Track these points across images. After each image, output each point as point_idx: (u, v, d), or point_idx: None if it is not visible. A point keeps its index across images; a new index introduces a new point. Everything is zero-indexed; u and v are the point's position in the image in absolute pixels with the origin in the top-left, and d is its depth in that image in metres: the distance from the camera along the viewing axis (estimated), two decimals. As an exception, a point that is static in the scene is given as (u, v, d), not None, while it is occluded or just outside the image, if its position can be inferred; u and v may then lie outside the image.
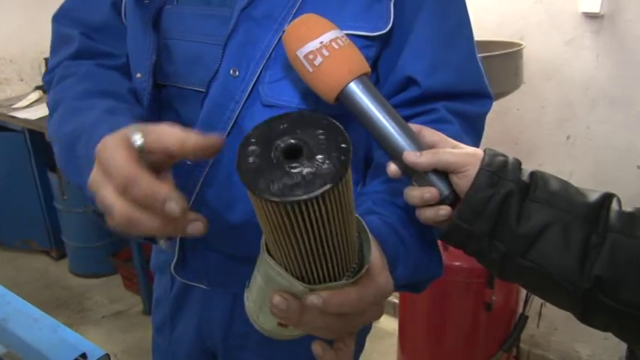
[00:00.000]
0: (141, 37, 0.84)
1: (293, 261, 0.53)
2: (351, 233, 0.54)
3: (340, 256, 0.53)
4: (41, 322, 1.14)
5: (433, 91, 0.81)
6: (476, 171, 0.67)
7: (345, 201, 0.49)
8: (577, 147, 2.15)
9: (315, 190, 0.45)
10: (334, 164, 0.46)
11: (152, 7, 0.85)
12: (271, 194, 0.45)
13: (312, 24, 0.71)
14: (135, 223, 0.53)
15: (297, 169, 0.46)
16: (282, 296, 0.56)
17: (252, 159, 0.48)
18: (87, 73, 0.88)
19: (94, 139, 0.65)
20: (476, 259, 0.72)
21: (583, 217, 0.65)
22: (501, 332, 2.07)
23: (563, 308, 0.70)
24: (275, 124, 0.51)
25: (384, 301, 0.63)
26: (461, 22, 0.85)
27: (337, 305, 0.55)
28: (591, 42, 2.01)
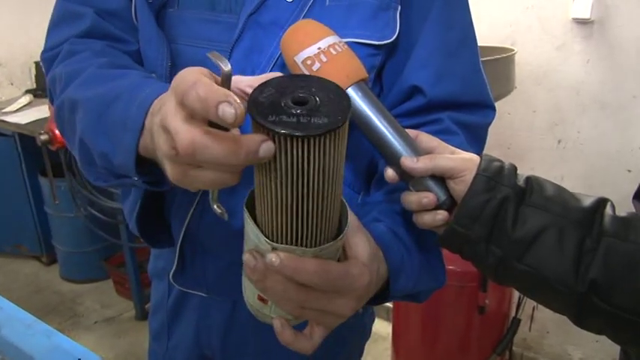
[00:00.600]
0: (154, 37, 0.83)
1: (267, 217, 0.55)
2: (328, 201, 0.55)
3: (313, 220, 0.55)
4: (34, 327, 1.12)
5: (438, 100, 0.81)
6: (472, 176, 0.68)
7: (328, 160, 0.51)
8: (568, 151, 2.16)
9: (302, 132, 0.47)
10: (329, 119, 0.49)
11: (153, 7, 0.84)
12: (266, 121, 0.48)
13: (310, 30, 0.72)
14: (199, 150, 0.48)
15: (296, 112, 0.49)
16: (252, 254, 0.58)
17: (265, 96, 0.51)
18: (102, 50, 0.82)
19: (136, 100, 0.63)
20: (472, 263, 0.73)
21: (578, 222, 0.66)
22: (494, 335, 2.08)
23: (558, 312, 0.71)
24: (297, 80, 0.54)
25: (356, 298, 0.63)
26: (466, 33, 0.85)
27: (292, 269, 0.56)
28: (581, 47, 2.03)
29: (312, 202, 0.53)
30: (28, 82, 3.69)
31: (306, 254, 0.57)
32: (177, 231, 0.89)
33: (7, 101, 3.44)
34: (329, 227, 0.58)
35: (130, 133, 0.63)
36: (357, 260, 0.62)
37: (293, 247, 0.57)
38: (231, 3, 0.82)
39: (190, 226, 0.87)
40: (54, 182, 2.97)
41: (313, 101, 0.51)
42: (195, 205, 0.85)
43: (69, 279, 3.29)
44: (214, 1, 0.83)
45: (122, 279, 3.01)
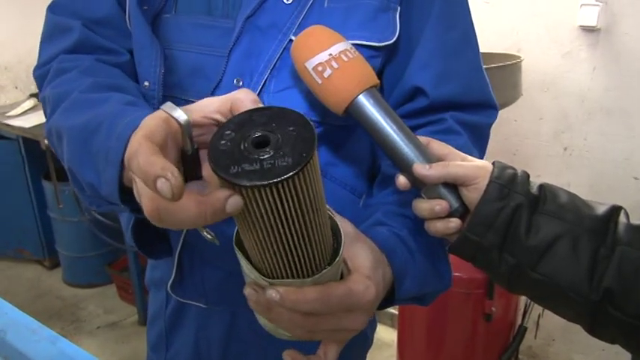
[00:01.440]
0: (148, 45, 0.82)
1: (259, 253, 0.55)
2: (313, 230, 0.54)
3: (303, 253, 0.54)
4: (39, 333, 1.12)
5: (441, 101, 0.81)
6: (486, 184, 0.67)
7: (302, 198, 0.49)
8: (574, 158, 2.16)
9: (265, 179, 0.46)
10: (293, 158, 0.47)
11: (149, 14, 0.83)
12: (229, 175, 0.46)
13: (321, 35, 0.71)
14: (164, 217, 0.49)
15: (259, 157, 0.47)
16: (253, 288, 0.58)
17: (224, 142, 0.49)
18: (90, 67, 0.80)
19: (115, 131, 0.62)
20: (485, 271, 0.72)
21: (592, 230, 0.66)
22: (500, 343, 2.07)
23: (572, 320, 0.70)
24: (256, 115, 0.51)
25: (365, 311, 0.62)
26: (467, 33, 0.85)
27: (293, 302, 0.55)
28: (588, 54, 2.03)
29: (297, 238, 0.52)
30: (32, 86, 3.68)
31: (305, 284, 0.57)
32: (175, 241, 0.88)
33: (11, 105, 3.44)
34: (322, 251, 0.57)
35: (111, 167, 0.62)
36: (359, 274, 0.61)
37: (290, 280, 0.56)
38: (228, 8, 0.82)
39: (188, 236, 0.86)
40: (58, 186, 2.96)
41: (275, 140, 0.49)
42: None
43: (72, 283, 3.28)
44: (211, 6, 0.83)
45: (125, 284, 3.00)
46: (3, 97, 3.61)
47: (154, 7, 0.83)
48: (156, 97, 0.82)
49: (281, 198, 0.47)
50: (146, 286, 1.09)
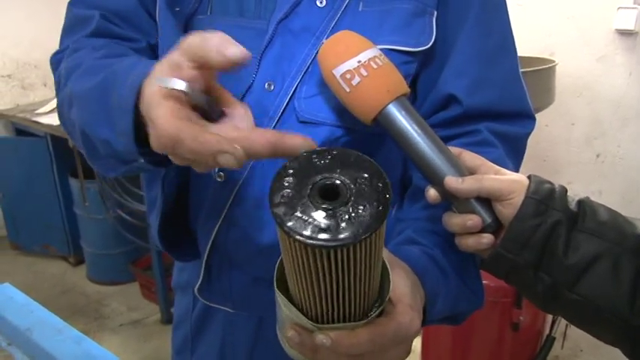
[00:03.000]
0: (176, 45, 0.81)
1: (309, 299, 0.52)
2: (374, 280, 0.52)
3: (358, 300, 0.52)
4: (65, 333, 1.12)
5: (475, 110, 0.78)
6: (521, 199, 0.64)
7: (374, 252, 0.47)
8: (607, 165, 2.11)
9: (344, 240, 0.42)
10: (371, 215, 0.44)
11: (181, 15, 0.82)
12: (298, 233, 0.43)
13: (350, 41, 0.69)
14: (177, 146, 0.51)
15: (330, 212, 0.44)
16: (296, 330, 0.55)
17: (286, 192, 0.46)
18: (105, 44, 0.80)
19: (128, 80, 0.62)
20: (518, 290, 0.69)
21: (634, 250, 0.63)
22: (527, 353, 2.04)
23: (611, 344, 0.67)
24: (316, 158, 0.48)
25: (409, 341, 0.61)
26: (505, 40, 0.82)
27: (347, 346, 0.54)
28: (624, 59, 1.98)
29: (358, 289, 0.49)
30: (60, 84, 3.73)
31: (357, 327, 0.54)
32: (203, 244, 0.88)
33: (40, 102, 3.49)
34: (375, 293, 0.55)
35: (125, 115, 0.61)
36: (403, 305, 0.59)
37: (342, 324, 0.53)
38: (260, 9, 0.80)
39: (217, 240, 0.85)
40: (84, 184, 2.99)
41: (344, 191, 0.45)
42: (222, 219, 0.83)
43: (96, 280, 3.31)
44: (243, 7, 0.81)
45: (149, 282, 3.01)
46: (32, 95, 3.65)
47: (187, 8, 0.83)
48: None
49: (355, 253, 0.45)
50: (173, 290, 1.10)
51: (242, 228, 0.83)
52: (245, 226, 0.82)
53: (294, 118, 0.77)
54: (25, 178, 3.34)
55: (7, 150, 3.31)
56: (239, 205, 0.81)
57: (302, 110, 0.77)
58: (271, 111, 0.77)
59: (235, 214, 0.82)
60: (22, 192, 3.38)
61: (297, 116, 0.77)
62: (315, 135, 0.77)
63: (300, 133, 0.75)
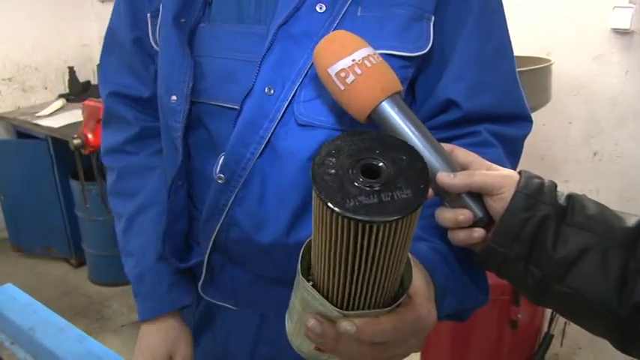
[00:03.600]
0: (179, 59, 0.84)
1: (336, 284, 0.52)
2: (402, 265, 0.53)
3: (385, 285, 0.52)
4: (67, 332, 1.14)
5: (475, 113, 0.79)
6: (511, 193, 0.66)
7: (410, 232, 0.48)
8: (604, 164, 2.12)
9: (392, 215, 0.44)
10: (413, 192, 0.45)
11: (187, 26, 0.85)
12: (346, 210, 0.44)
13: (344, 40, 0.70)
14: None
15: (374, 189, 0.45)
16: (318, 319, 0.55)
17: (330, 171, 0.47)
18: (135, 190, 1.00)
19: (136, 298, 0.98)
20: (510, 283, 0.70)
21: (622, 243, 0.64)
22: (526, 350, 2.05)
23: (600, 335, 0.68)
24: (355, 139, 0.50)
25: (425, 333, 0.61)
26: (502, 45, 0.83)
27: (371, 334, 0.54)
28: (620, 58, 1.99)
29: (389, 269, 0.50)
30: (61, 87, 3.75)
31: (381, 314, 0.55)
32: (204, 244, 0.89)
33: (41, 105, 3.51)
34: (399, 280, 0.56)
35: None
36: (420, 297, 0.60)
37: (367, 311, 0.54)
38: (260, 14, 0.82)
39: (218, 239, 0.87)
40: (85, 186, 3.00)
41: (386, 170, 0.47)
42: (223, 219, 0.84)
43: (97, 282, 3.32)
44: (242, 14, 0.83)
45: (150, 283, 3.02)
46: (33, 98, 3.67)
47: (193, 17, 0.85)
48: (182, 112, 0.84)
49: (395, 232, 0.46)
50: None
51: (242, 228, 0.84)
52: (246, 226, 0.84)
53: (294, 121, 0.79)
54: (26, 181, 3.35)
55: (8, 152, 3.33)
56: (240, 205, 0.83)
57: (301, 114, 0.78)
58: (271, 114, 0.78)
59: (236, 214, 0.84)
60: (23, 194, 3.39)
61: (296, 120, 0.78)
62: (313, 137, 0.79)
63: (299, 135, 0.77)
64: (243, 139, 0.79)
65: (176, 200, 0.91)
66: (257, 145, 0.79)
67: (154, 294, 0.95)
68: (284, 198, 0.81)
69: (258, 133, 0.78)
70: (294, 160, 0.79)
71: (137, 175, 1.00)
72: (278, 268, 0.86)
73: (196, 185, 0.92)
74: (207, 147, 0.87)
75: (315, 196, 0.46)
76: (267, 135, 0.78)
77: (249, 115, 0.79)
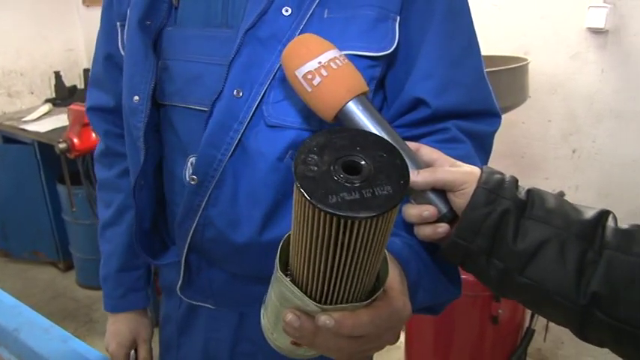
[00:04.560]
0: (141, 61, 0.85)
1: (315, 278, 0.53)
2: (380, 260, 0.53)
3: (363, 280, 0.53)
4: (51, 332, 1.15)
5: (443, 111, 0.81)
6: (473, 189, 0.68)
7: (389, 228, 0.49)
8: (583, 160, 2.15)
9: (374, 210, 0.44)
10: (393, 187, 0.46)
11: (153, 28, 0.86)
12: (328, 205, 0.44)
13: (311, 44, 0.72)
14: None
15: (355, 186, 0.46)
16: (295, 314, 0.56)
17: (312, 167, 0.47)
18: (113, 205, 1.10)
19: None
20: (474, 276, 0.72)
21: (579, 235, 0.66)
22: (508, 346, 2.07)
23: (561, 324, 0.70)
24: (335, 137, 0.50)
25: (400, 326, 0.62)
26: (469, 42, 0.84)
27: (349, 327, 0.55)
28: (596, 56, 2.02)
29: (369, 265, 0.51)
30: (47, 92, 3.74)
31: (358, 308, 0.55)
32: (181, 245, 0.90)
33: (27, 110, 3.50)
34: (376, 274, 0.56)
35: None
36: (395, 291, 0.61)
37: (345, 305, 0.54)
38: (227, 17, 0.83)
39: (194, 240, 0.88)
40: (71, 190, 3.00)
41: (367, 166, 0.48)
42: (197, 219, 0.86)
43: (85, 285, 3.32)
44: (209, 18, 0.85)
45: (138, 286, 3.01)
46: (19, 103, 3.66)
47: (158, 20, 0.87)
48: (144, 112, 0.86)
49: (376, 227, 0.46)
50: (160, 290, 1.14)
51: (217, 227, 0.85)
52: (220, 226, 0.85)
53: (263, 122, 0.80)
54: (13, 186, 3.34)
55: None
56: (214, 205, 0.84)
57: (270, 115, 0.79)
58: (240, 116, 0.79)
59: (210, 214, 0.85)
60: (10, 199, 3.38)
61: (266, 121, 0.80)
62: (282, 138, 0.80)
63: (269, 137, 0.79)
64: (214, 140, 0.80)
65: (140, 199, 0.93)
66: (227, 146, 0.80)
67: (112, 297, 1.13)
68: (256, 197, 0.82)
69: (229, 135, 0.80)
70: (264, 160, 0.80)
71: (110, 190, 1.11)
72: (254, 267, 0.87)
73: (170, 187, 0.93)
74: (176, 149, 0.89)
75: (296, 193, 0.47)
76: (237, 136, 0.80)
77: (219, 117, 0.80)
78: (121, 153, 1.02)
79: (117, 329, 1.14)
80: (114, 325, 1.15)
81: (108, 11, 0.97)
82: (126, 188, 1.06)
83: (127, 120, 0.90)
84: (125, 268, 1.12)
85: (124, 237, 1.09)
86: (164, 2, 0.87)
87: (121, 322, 1.15)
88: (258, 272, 0.86)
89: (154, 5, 0.86)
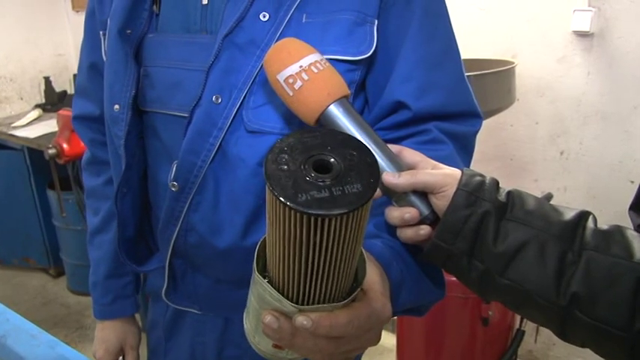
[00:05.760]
0: (122, 70, 0.86)
1: (291, 279, 0.53)
2: (355, 258, 0.54)
3: (339, 279, 0.53)
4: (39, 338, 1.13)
5: (424, 113, 0.81)
6: (453, 191, 0.68)
7: (362, 225, 0.49)
8: (570, 162, 2.16)
9: (343, 208, 0.45)
10: (363, 185, 0.47)
11: (134, 37, 0.86)
12: (298, 204, 0.45)
13: (292, 48, 0.73)
14: None
15: (325, 184, 0.46)
16: (274, 315, 0.56)
17: (282, 167, 0.48)
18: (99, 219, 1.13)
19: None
20: (456, 278, 0.73)
21: (559, 236, 0.66)
22: (499, 347, 2.07)
23: (543, 325, 0.70)
24: (306, 137, 0.51)
25: (380, 327, 0.62)
26: (448, 45, 0.85)
27: (327, 328, 0.54)
28: (582, 59, 2.03)
29: (344, 264, 0.51)
30: (37, 97, 3.73)
31: (336, 308, 0.55)
32: (164, 251, 0.91)
33: (16, 115, 3.48)
34: (353, 274, 0.56)
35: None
36: (374, 292, 0.61)
37: (322, 305, 0.55)
38: (206, 23, 0.84)
39: (177, 245, 0.88)
40: (61, 195, 2.99)
41: (337, 164, 0.48)
42: (180, 225, 0.86)
43: (76, 291, 3.30)
44: (189, 23, 0.85)
45: (129, 291, 3.01)
46: (8, 108, 3.65)
47: (139, 28, 0.87)
48: (125, 120, 0.86)
49: (347, 225, 0.47)
50: (147, 295, 1.14)
51: (200, 233, 0.85)
52: (203, 231, 0.85)
53: (243, 128, 0.80)
54: (2, 192, 3.32)
55: (-16, 164, 3.30)
56: (196, 210, 0.84)
57: (250, 121, 0.80)
58: (219, 122, 0.80)
59: (192, 220, 0.85)
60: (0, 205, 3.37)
61: (245, 127, 0.80)
62: (262, 143, 0.80)
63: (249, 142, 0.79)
64: (194, 147, 0.81)
65: (123, 207, 0.93)
66: (207, 152, 0.80)
67: (100, 303, 1.15)
68: (237, 203, 0.82)
69: (208, 141, 0.80)
70: (244, 165, 0.81)
71: (97, 198, 1.13)
72: (238, 272, 0.87)
73: (155, 192, 0.93)
74: (161, 155, 0.89)
75: (268, 192, 0.48)
76: (217, 142, 0.80)
77: (198, 123, 0.80)
78: (107, 161, 1.02)
79: (105, 336, 1.16)
80: (102, 332, 1.17)
81: (91, 20, 0.97)
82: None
83: (109, 128, 0.90)
84: (113, 275, 1.12)
85: (111, 244, 1.09)
86: (144, 10, 0.87)
87: (109, 329, 1.16)
88: (242, 277, 0.85)
89: (134, 14, 0.86)
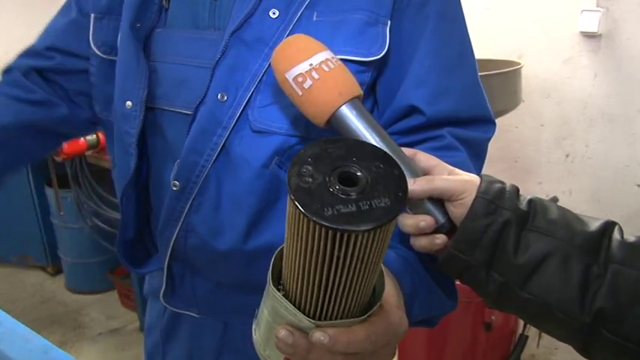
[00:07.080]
0: (134, 65, 0.83)
1: (309, 293, 0.51)
2: (376, 274, 0.52)
3: (359, 295, 0.52)
4: (32, 342, 1.12)
5: (437, 118, 0.79)
6: (472, 199, 0.65)
7: (387, 241, 0.47)
8: (576, 165, 2.14)
9: (371, 223, 0.43)
10: (391, 200, 0.45)
11: (142, 31, 0.85)
12: (324, 218, 0.43)
13: (302, 45, 0.70)
14: None
15: (351, 198, 0.44)
16: (289, 330, 0.54)
17: (306, 179, 0.46)
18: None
19: None
20: (472, 289, 0.70)
21: (583, 247, 0.63)
22: (501, 352, 2.06)
23: (564, 341, 0.68)
24: (330, 147, 0.49)
25: (396, 342, 0.61)
26: (463, 49, 0.83)
27: (344, 343, 0.53)
28: (589, 61, 2.01)
29: (364, 279, 0.49)
30: (35, 93, 3.70)
31: (354, 324, 0.54)
32: (163, 252, 0.89)
33: (14, 112, 3.45)
34: (371, 289, 0.55)
35: None
36: (390, 305, 0.59)
37: (340, 321, 0.53)
38: (215, 20, 0.82)
39: (176, 247, 0.87)
40: (59, 193, 2.97)
41: (363, 177, 0.46)
42: (180, 226, 0.84)
43: (74, 290, 3.28)
44: (197, 19, 0.83)
45: (127, 291, 3.00)
46: (6, 104, 3.62)
47: (148, 22, 0.85)
48: (137, 117, 0.84)
49: (373, 241, 0.45)
50: (145, 296, 1.11)
51: (200, 234, 0.84)
52: (203, 233, 0.83)
53: (248, 127, 0.78)
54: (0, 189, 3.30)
55: (-19, 161, 3.27)
56: (196, 212, 0.83)
57: (255, 120, 0.78)
58: (224, 121, 0.78)
59: (193, 221, 0.83)
60: (-3, 203, 3.34)
61: (251, 126, 0.78)
62: (267, 144, 0.78)
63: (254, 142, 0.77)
64: (197, 146, 0.79)
65: (126, 209, 0.91)
66: (211, 152, 0.78)
67: None
68: (239, 204, 0.81)
69: (212, 141, 0.78)
70: (248, 166, 0.79)
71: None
72: (238, 275, 0.85)
73: (157, 193, 0.91)
74: (164, 153, 0.87)
75: (290, 205, 0.46)
76: (221, 142, 0.78)
77: (202, 122, 0.78)
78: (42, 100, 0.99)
79: None
80: None
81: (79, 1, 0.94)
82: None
83: (119, 126, 0.88)
84: None
85: None
86: (154, 4, 0.85)
87: None
88: (243, 281, 0.85)
89: (144, 7, 0.85)
